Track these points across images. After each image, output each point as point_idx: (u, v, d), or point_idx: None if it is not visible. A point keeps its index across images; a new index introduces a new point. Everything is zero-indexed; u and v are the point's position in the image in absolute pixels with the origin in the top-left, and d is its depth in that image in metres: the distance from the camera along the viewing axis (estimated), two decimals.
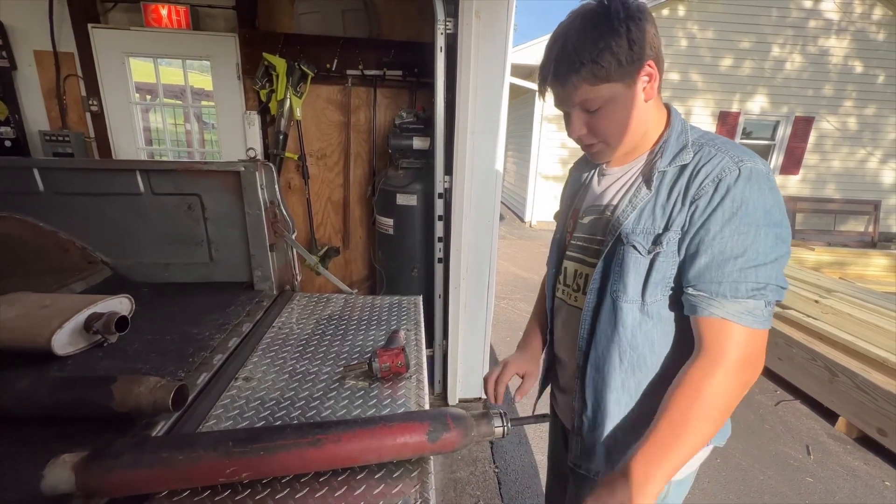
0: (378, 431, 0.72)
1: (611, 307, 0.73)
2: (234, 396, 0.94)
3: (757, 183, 0.62)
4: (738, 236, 0.62)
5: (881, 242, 7.06)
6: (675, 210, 0.66)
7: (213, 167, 1.43)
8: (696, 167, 0.66)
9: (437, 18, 1.78)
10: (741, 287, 0.62)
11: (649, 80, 0.68)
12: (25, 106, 2.73)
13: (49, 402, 0.80)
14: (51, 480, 0.62)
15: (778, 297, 0.64)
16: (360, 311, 1.40)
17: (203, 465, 0.65)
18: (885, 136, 6.96)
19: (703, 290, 0.64)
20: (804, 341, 2.63)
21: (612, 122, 0.70)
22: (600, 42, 0.64)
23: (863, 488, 1.94)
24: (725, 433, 0.80)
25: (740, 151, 0.66)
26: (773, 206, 0.63)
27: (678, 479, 0.79)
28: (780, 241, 0.63)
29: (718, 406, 0.63)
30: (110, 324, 1.07)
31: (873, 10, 6.42)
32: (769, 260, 0.62)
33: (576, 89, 0.68)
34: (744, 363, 0.63)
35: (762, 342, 0.65)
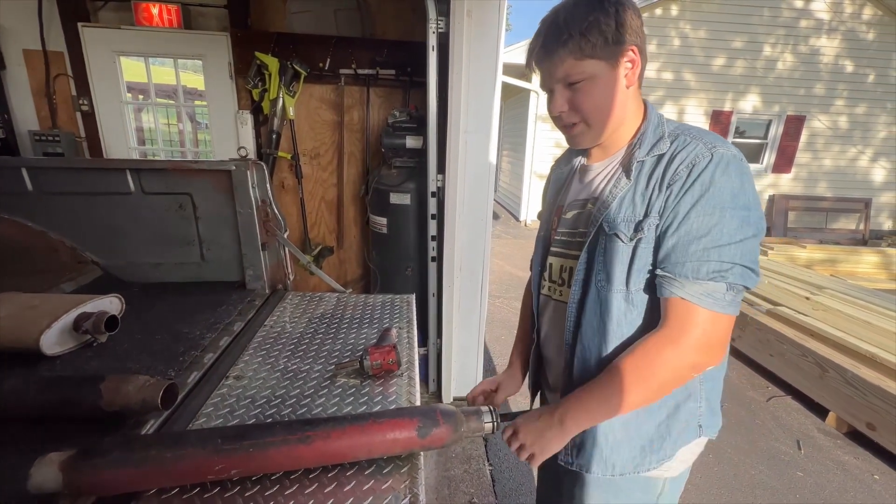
0: (367, 428, 0.72)
1: (595, 297, 0.74)
2: (224, 395, 0.94)
3: (726, 167, 0.64)
4: (703, 217, 0.64)
5: (872, 240, 7.15)
6: (654, 196, 0.68)
7: (203, 166, 1.43)
8: (672, 155, 0.68)
9: (428, 17, 1.78)
10: (703, 268, 0.64)
11: (632, 67, 0.70)
12: (14, 105, 2.70)
13: (36, 402, 0.79)
14: (37, 479, 0.61)
15: (744, 280, 0.64)
16: (352, 310, 1.40)
17: (191, 462, 0.65)
18: (876, 135, 7.04)
19: (669, 271, 0.66)
20: (795, 337, 2.66)
21: (592, 98, 0.71)
22: (590, 16, 0.66)
23: (852, 482, 1.96)
24: (716, 425, 0.80)
25: (713, 138, 0.68)
26: (742, 189, 0.64)
27: (672, 476, 0.79)
28: (746, 224, 0.64)
29: (659, 380, 0.67)
30: (100, 323, 1.07)
31: (863, 10, 6.49)
32: (734, 241, 0.63)
33: (561, 62, 0.69)
34: (698, 346, 0.65)
35: (723, 327, 0.65)
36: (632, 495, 0.79)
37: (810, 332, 2.70)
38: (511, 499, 1.76)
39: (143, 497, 0.67)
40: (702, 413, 0.76)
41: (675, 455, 0.76)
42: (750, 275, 0.64)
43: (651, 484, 0.79)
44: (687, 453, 0.78)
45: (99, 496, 0.65)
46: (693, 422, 0.76)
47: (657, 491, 0.80)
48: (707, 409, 0.77)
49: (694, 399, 0.75)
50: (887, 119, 6.97)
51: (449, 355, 2.17)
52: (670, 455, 0.76)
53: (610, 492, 0.79)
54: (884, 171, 7.23)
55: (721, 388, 0.81)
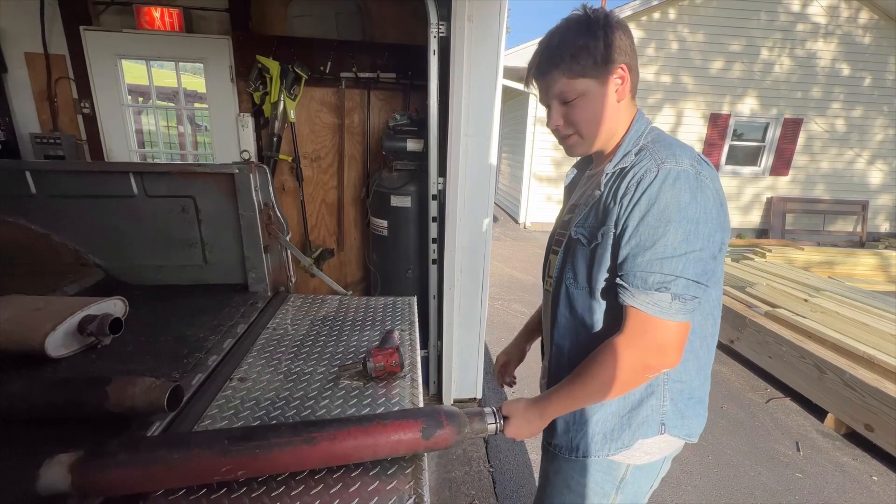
0: (372, 429, 0.73)
1: (566, 293, 0.83)
2: (229, 397, 0.95)
3: (674, 182, 0.68)
4: (649, 230, 0.68)
5: (869, 242, 7.18)
6: (610, 207, 0.74)
7: (207, 169, 1.44)
8: (628, 169, 0.73)
9: (429, 22, 1.80)
10: (649, 279, 0.69)
11: (622, 83, 0.76)
12: (16, 108, 2.71)
13: (42, 404, 0.80)
14: (46, 480, 0.62)
15: (688, 291, 0.68)
16: (354, 312, 1.41)
17: (199, 463, 0.66)
18: (872, 138, 7.08)
19: (623, 280, 0.72)
20: (793, 339, 2.67)
21: (584, 113, 0.77)
22: (580, 40, 0.73)
23: (851, 483, 1.97)
24: (688, 427, 0.83)
25: (668, 154, 0.71)
26: (691, 203, 0.67)
27: (636, 463, 0.84)
28: (693, 237, 0.67)
29: (619, 379, 0.74)
30: (104, 326, 1.07)
31: (859, 14, 6.54)
32: (678, 253, 0.67)
33: (555, 81, 0.77)
34: (649, 349, 0.71)
35: (673, 333, 0.70)
36: (595, 475, 0.85)
37: (808, 333, 2.71)
38: (512, 500, 1.77)
39: (150, 498, 0.68)
40: (665, 412, 0.81)
41: (634, 445, 0.81)
42: (694, 286, 0.69)
43: (613, 467, 0.84)
44: (652, 447, 0.82)
45: (107, 497, 0.66)
46: (654, 418, 0.81)
47: (619, 475, 0.85)
48: (672, 408, 0.81)
49: (657, 397, 0.80)
50: (884, 122, 7.01)
51: (450, 357, 2.18)
52: (628, 444, 0.81)
53: (576, 470, 0.87)
54: (881, 174, 7.27)
55: (694, 394, 0.83)
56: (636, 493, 0.87)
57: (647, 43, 6.48)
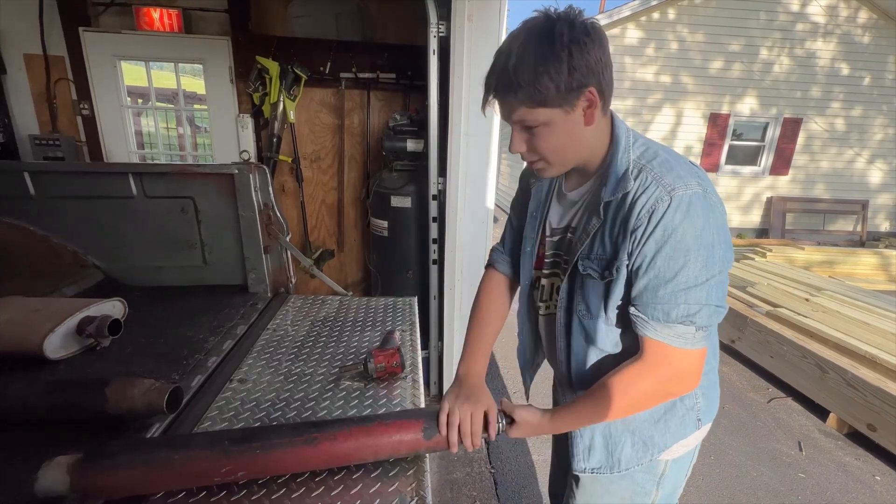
0: (374, 429, 0.72)
1: (579, 324, 0.80)
2: (229, 398, 0.94)
3: (687, 209, 0.64)
4: (669, 262, 0.65)
5: (869, 241, 7.17)
6: (620, 238, 0.69)
7: (206, 170, 1.43)
8: (634, 196, 0.67)
9: (429, 21, 1.79)
10: (672, 313, 0.66)
11: (590, 107, 0.67)
12: (15, 110, 2.70)
13: (41, 406, 0.79)
14: (45, 482, 0.62)
15: (711, 320, 0.68)
16: (355, 313, 1.41)
17: (199, 464, 0.65)
18: (872, 137, 7.07)
19: (642, 312, 0.69)
20: (795, 339, 2.66)
21: (549, 143, 0.70)
22: (539, 66, 0.62)
23: (854, 483, 1.97)
24: (713, 411, 0.86)
25: (674, 177, 0.66)
26: (705, 227, 0.65)
27: (674, 458, 0.83)
28: (711, 262, 0.65)
29: (637, 405, 0.74)
30: (103, 327, 1.07)
31: (858, 14, 6.54)
32: (700, 282, 0.65)
33: (514, 110, 0.67)
34: (671, 379, 0.71)
35: (694, 360, 0.70)
36: (636, 477, 0.84)
37: (810, 333, 2.70)
38: (514, 502, 1.76)
39: (150, 500, 0.67)
40: (700, 408, 0.81)
41: (674, 445, 0.81)
42: (717, 312, 0.68)
43: (653, 466, 0.83)
44: (688, 440, 0.83)
45: (106, 499, 0.65)
46: (691, 417, 0.81)
47: (659, 471, 0.84)
48: (704, 402, 0.82)
49: (690, 396, 0.80)
50: (883, 121, 7.00)
51: (451, 358, 2.17)
52: (669, 445, 0.81)
53: (614, 482, 0.86)
54: (881, 173, 7.26)
55: (716, 380, 0.86)
56: (675, 483, 0.88)
57: (646, 43, 6.48)
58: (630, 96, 6.70)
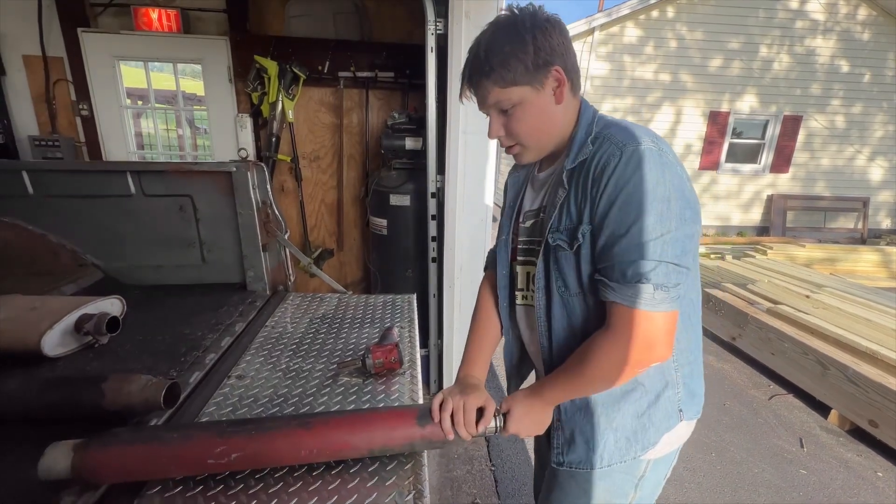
0: (368, 416, 0.72)
1: (560, 303, 0.77)
2: (226, 394, 0.94)
3: (639, 162, 0.64)
4: (621, 216, 0.65)
5: (870, 238, 7.16)
6: (581, 203, 0.70)
7: (204, 168, 1.43)
8: (590, 159, 0.69)
9: (427, 19, 1.79)
10: (627, 270, 0.65)
11: (558, 85, 0.71)
12: (14, 111, 2.71)
13: (39, 403, 0.79)
14: (47, 462, 0.62)
15: (669, 279, 0.64)
16: (353, 310, 1.41)
17: (195, 444, 0.66)
18: (872, 134, 7.07)
19: (602, 275, 0.69)
20: (796, 335, 2.66)
21: (524, 123, 0.73)
22: (506, 47, 0.68)
23: (856, 479, 1.96)
24: (697, 406, 0.83)
25: (628, 136, 0.67)
26: (660, 182, 0.64)
27: (656, 457, 0.82)
28: (666, 217, 0.63)
29: (610, 375, 0.71)
30: (101, 325, 1.07)
31: (858, 11, 6.53)
32: (653, 237, 0.63)
33: (488, 92, 0.72)
34: (637, 345, 0.67)
35: (660, 324, 0.66)
36: (615, 477, 0.82)
37: (811, 330, 2.70)
38: (514, 499, 1.75)
39: (145, 495, 0.67)
40: (681, 398, 0.80)
41: (660, 441, 0.80)
42: (676, 271, 0.65)
43: (634, 465, 0.82)
44: (672, 437, 0.81)
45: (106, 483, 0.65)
46: (673, 408, 0.79)
47: (640, 472, 0.83)
48: (686, 393, 0.80)
49: (672, 387, 0.79)
50: (884, 118, 6.99)
51: (450, 356, 2.17)
52: (654, 442, 0.79)
53: (594, 481, 0.83)
54: (881, 170, 7.25)
55: (700, 371, 0.84)
56: (654, 485, 0.86)
57: (645, 41, 6.48)
58: (629, 95, 6.70)
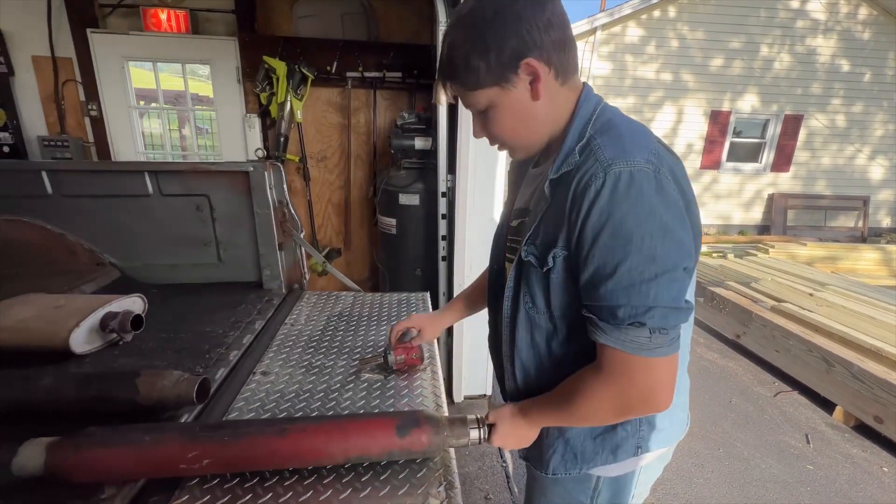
0: (345, 425, 0.70)
1: (525, 317, 0.72)
2: (253, 390, 0.96)
3: (627, 189, 0.54)
4: (606, 253, 0.56)
5: (871, 237, 7.19)
6: (559, 223, 0.61)
7: (221, 168, 1.45)
8: (573, 173, 0.60)
9: (438, 20, 1.81)
10: (618, 312, 0.56)
11: (534, 80, 0.61)
12: (23, 111, 2.72)
13: (74, 397, 0.81)
14: (20, 460, 0.62)
15: (666, 322, 0.56)
16: (369, 308, 1.42)
17: (167, 448, 0.65)
18: (873, 133, 7.10)
19: (590, 312, 0.60)
20: (800, 333, 2.68)
21: (501, 125, 0.66)
22: (466, 46, 0.60)
23: (861, 474, 1.98)
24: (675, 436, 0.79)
25: (618, 151, 0.57)
26: (651, 213, 0.54)
27: (610, 476, 0.78)
28: (660, 255, 0.54)
29: (603, 418, 0.66)
30: (126, 322, 1.08)
31: (858, 10, 6.56)
32: (645, 278, 0.54)
33: (460, 95, 0.66)
34: (632, 395, 0.60)
35: (659, 372, 0.58)
36: (567, 486, 0.80)
37: (815, 327, 2.72)
38: None
39: (185, 487, 0.69)
40: (642, 435, 0.74)
41: (608, 466, 0.76)
42: (673, 314, 0.56)
43: (584, 479, 0.79)
44: (627, 464, 0.76)
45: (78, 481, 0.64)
46: (630, 442, 0.74)
47: (591, 485, 0.79)
48: (648, 429, 0.74)
49: (632, 422, 0.72)
50: (884, 117, 7.02)
51: (460, 354, 2.19)
52: (601, 464, 0.75)
53: (548, 481, 0.81)
54: (881, 169, 7.28)
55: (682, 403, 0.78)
56: (614, 497, 0.80)
57: (647, 41, 6.49)
58: (631, 94, 6.72)
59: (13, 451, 0.64)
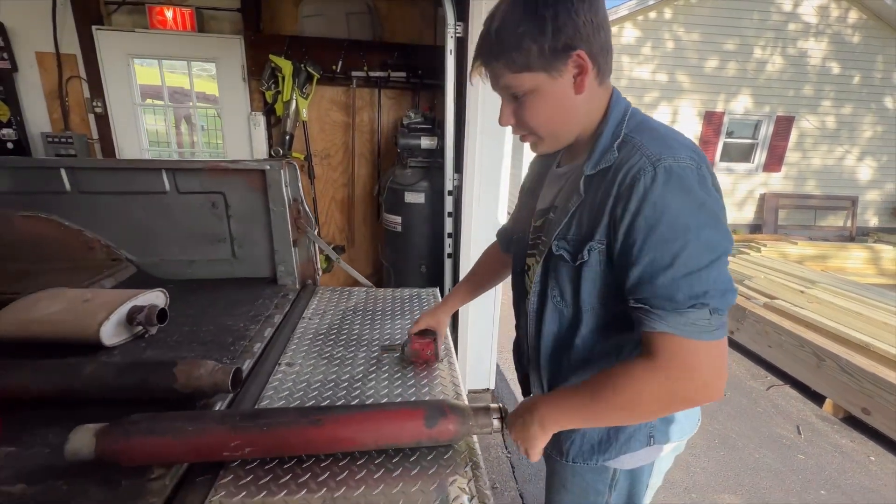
0: (376, 415, 0.74)
1: (553, 310, 0.74)
2: (280, 380, 1.00)
3: (678, 183, 0.57)
4: (664, 245, 0.57)
5: (859, 236, 7.35)
6: (597, 217, 0.63)
7: (238, 166, 1.48)
8: (615, 170, 0.61)
9: (447, 22, 1.85)
10: (678, 296, 0.56)
11: (580, 73, 0.62)
12: (27, 108, 2.72)
13: (115, 384, 0.85)
14: (72, 445, 0.66)
15: (722, 302, 0.57)
16: (382, 303, 1.47)
17: (209, 437, 0.69)
18: (862, 135, 7.25)
19: (642, 303, 0.59)
20: (792, 329, 2.77)
21: (537, 113, 0.66)
22: (522, 27, 0.59)
23: (850, 464, 2.07)
24: (689, 429, 0.81)
25: (660, 146, 0.59)
26: (700, 205, 0.57)
27: (624, 468, 0.80)
28: (712, 244, 0.57)
29: (644, 409, 0.62)
30: (152, 316, 1.12)
31: (849, 14, 6.69)
32: (702, 265, 0.56)
33: (500, 75, 0.64)
34: (683, 378, 0.58)
35: (713, 356, 0.58)
36: (586, 476, 0.84)
37: (806, 323, 2.81)
38: (531, 485, 1.83)
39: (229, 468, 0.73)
40: (654, 425, 0.76)
41: (620, 458, 0.78)
42: (730, 294, 0.58)
43: (601, 470, 0.82)
44: (639, 455, 0.78)
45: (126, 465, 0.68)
46: (642, 432, 0.76)
47: (608, 476, 0.82)
48: (662, 421, 0.77)
49: None
50: (872, 119, 7.18)
51: (464, 349, 2.24)
52: (615, 457, 0.78)
53: (567, 471, 0.85)
54: (870, 170, 7.44)
55: None
56: (631, 492, 0.84)
57: (643, 42, 6.58)
58: (627, 94, 6.57)
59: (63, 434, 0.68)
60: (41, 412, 0.84)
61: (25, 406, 0.84)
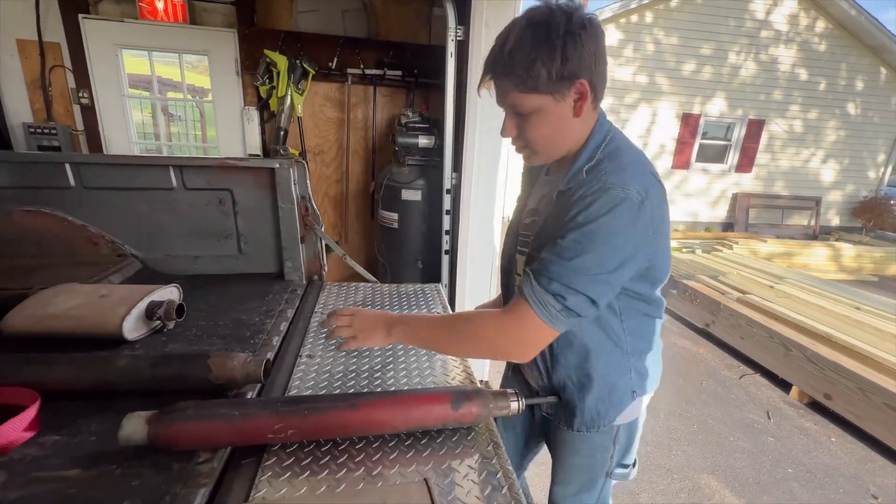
0: (407, 399, 0.81)
1: None
2: (304, 371, 1.05)
3: (612, 209, 0.67)
4: (573, 245, 0.68)
5: (822, 235, 7.80)
6: (557, 226, 0.73)
7: (247, 164, 1.50)
8: (577, 189, 0.71)
9: (448, 25, 1.90)
10: (552, 284, 0.69)
11: (580, 99, 0.71)
12: (6, 97, 2.63)
13: (149, 377, 0.88)
14: (125, 432, 0.70)
15: (580, 309, 0.70)
16: (388, 298, 1.52)
17: (255, 421, 0.74)
18: (826, 139, 7.67)
19: (532, 271, 0.73)
20: (763, 322, 2.96)
21: (538, 131, 0.74)
22: (534, 52, 0.66)
23: (814, 444, 2.26)
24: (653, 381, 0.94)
25: (618, 179, 0.69)
26: (619, 232, 0.68)
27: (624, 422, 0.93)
28: (607, 265, 0.68)
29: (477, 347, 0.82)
30: (171, 311, 1.14)
31: (816, 23, 7.05)
32: (589, 273, 0.68)
33: (508, 93, 0.72)
34: (516, 342, 0.75)
35: (540, 335, 0.73)
36: (594, 438, 0.96)
37: (776, 316, 3.01)
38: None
39: (271, 451, 0.78)
40: (633, 382, 0.90)
41: (623, 412, 0.91)
42: (587, 306, 0.70)
43: (607, 431, 0.94)
44: (631, 410, 0.92)
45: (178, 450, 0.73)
46: (626, 390, 0.90)
47: (612, 435, 0.95)
48: (637, 376, 0.90)
49: (626, 376, 0.89)
50: (836, 124, 7.60)
51: None
52: (614, 418, 0.92)
53: (577, 439, 0.97)
54: (833, 172, 7.89)
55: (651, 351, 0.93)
56: (629, 438, 0.99)
57: (625, 44, 6.76)
58: (609, 95, 6.98)
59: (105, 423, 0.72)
60: (77, 403, 0.86)
61: (60, 398, 0.86)
